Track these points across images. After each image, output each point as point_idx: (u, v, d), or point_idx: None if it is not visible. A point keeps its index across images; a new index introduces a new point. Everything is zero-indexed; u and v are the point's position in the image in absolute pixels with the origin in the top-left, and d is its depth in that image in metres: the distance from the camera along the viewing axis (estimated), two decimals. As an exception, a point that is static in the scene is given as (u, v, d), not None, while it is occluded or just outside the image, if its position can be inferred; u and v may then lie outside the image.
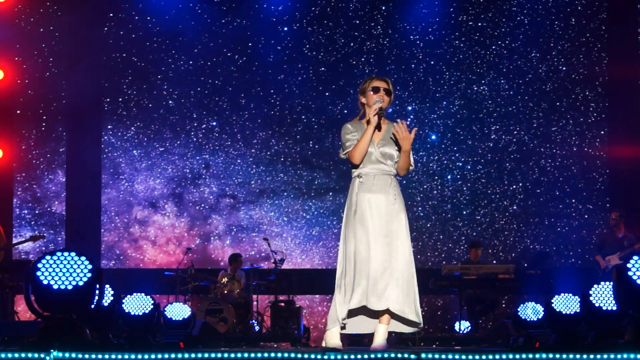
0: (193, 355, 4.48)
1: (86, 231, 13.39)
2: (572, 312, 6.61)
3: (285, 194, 14.14)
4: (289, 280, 12.44)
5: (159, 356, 4.47)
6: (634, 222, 12.37)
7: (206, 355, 4.47)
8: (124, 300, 6.75)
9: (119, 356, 4.47)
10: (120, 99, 13.97)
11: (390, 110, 6.12)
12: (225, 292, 11.84)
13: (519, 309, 7.88)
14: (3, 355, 4.37)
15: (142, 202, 13.99)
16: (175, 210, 14.07)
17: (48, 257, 5.06)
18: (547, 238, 13.70)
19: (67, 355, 4.41)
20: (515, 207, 13.85)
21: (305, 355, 4.50)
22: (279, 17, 14.03)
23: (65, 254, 5.09)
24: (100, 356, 4.46)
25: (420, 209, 13.88)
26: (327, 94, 14.11)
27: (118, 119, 13.95)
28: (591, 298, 6.06)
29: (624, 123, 13.50)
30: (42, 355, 4.37)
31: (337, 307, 5.48)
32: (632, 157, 13.23)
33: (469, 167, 13.96)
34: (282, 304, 12.05)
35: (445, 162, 14.03)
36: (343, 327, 5.53)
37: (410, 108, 13.99)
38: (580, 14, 13.86)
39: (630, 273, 5.05)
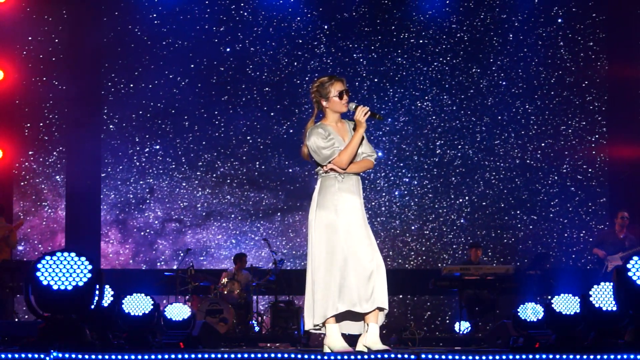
0: (193, 356, 4.47)
1: (86, 231, 13.38)
2: (572, 313, 6.60)
3: (232, 216, 14.04)
4: (289, 280, 12.44)
5: (159, 356, 4.46)
6: (634, 223, 12.38)
7: (206, 355, 4.46)
8: (123, 301, 6.74)
9: (119, 356, 4.46)
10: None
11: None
12: (225, 292, 11.84)
13: (518, 310, 7.87)
14: (3, 355, 4.36)
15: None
16: (120, 237, 13.93)
17: (48, 258, 5.06)
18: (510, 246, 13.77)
19: (67, 355, 4.40)
20: (462, 221, 13.89)
21: (305, 356, 4.50)
22: (221, 38, 13.98)
23: (65, 254, 5.08)
24: (100, 356, 4.45)
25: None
26: (272, 114, 14.07)
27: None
28: (591, 298, 6.06)
29: (624, 123, 13.50)
30: (42, 356, 4.37)
31: (319, 305, 5.40)
32: (632, 157, 13.23)
33: (415, 182, 14.04)
34: (282, 305, 12.05)
35: (392, 178, 14.07)
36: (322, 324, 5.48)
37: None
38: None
39: (630, 274, 5.04)
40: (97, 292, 5.13)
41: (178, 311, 7.92)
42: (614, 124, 13.67)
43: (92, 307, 5.14)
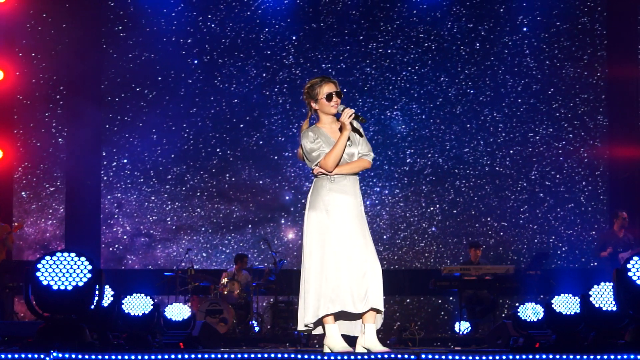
0: (193, 356, 4.47)
1: (86, 231, 13.37)
2: (572, 313, 6.61)
3: (203, 229, 13.96)
4: (289, 280, 12.44)
5: (159, 357, 4.46)
6: (633, 223, 12.39)
7: (206, 355, 4.46)
8: (123, 301, 6.75)
9: (119, 356, 4.46)
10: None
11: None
12: (225, 292, 11.84)
13: (519, 310, 7.88)
14: (3, 356, 4.36)
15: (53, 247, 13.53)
16: None
17: (48, 258, 5.06)
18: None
19: (67, 355, 4.40)
20: (433, 229, 13.91)
21: (305, 356, 4.50)
22: (189, 50, 13.92)
23: (65, 254, 5.08)
24: (100, 357, 4.45)
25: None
26: (241, 125, 14.02)
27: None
28: (591, 299, 6.06)
29: (624, 123, 13.51)
30: (42, 356, 4.37)
31: (310, 305, 5.38)
32: (632, 157, 13.24)
33: (386, 191, 14.08)
34: (282, 305, 12.05)
35: (363, 187, 14.03)
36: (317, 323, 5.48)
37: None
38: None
39: (630, 274, 5.04)
40: (97, 292, 5.13)
41: (178, 311, 7.93)
42: (614, 124, 13.67)
43: (92, 307, 5.13)
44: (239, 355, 4.47)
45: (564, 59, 13.85)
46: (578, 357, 4.37)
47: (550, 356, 4.39)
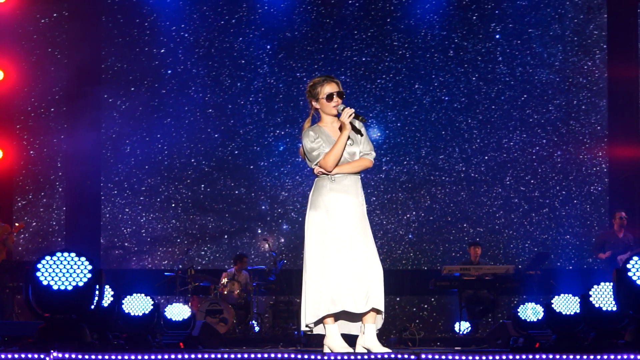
0: (193, 356, 4.47)
1: (86, 231, 13.37)
2: (572, 313, 6.61)
3: (178, 240, 13.86)
4: (289, 280, 12.44)
5: (159, 357, 4.46)
6: (634, 223, 12.39)
7: (206, 355, 4.46)
8: (123, 301, 6.75)
9: (119, 356, 4.46)
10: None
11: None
12: (225, 292, 11.84)
13: (519, 310, 7.88)
14: (3, 356, 4.36)
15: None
16: None
17: (48, 258, 5.06)
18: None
19: (67, 355, 4.40)
20: (410, 236, 13.92)
21: (305, 356, 4.49)
22: (162, 59, 13.86)
23: (65, 254, 5.08)
24: (100, 357, 4.45)
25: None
26: (216, 135, 13.95)
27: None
28: (591, 299, 6.06)
29: (624, 123, 13.51)
30: (42, 356, 4.37)
31: (310, 305, 5.38)
32: (633, 157, 13.24)
33: None
34: (282, 305, 12.06)
35: None
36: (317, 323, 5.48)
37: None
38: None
39: (630, 274, 5.04)
40: (97, 292, 5.13)
41: (178, 311, 7.93)
42: (614, 124, 13.68)
43: (92, 307, 5.13)
44: (239, 355, 4.47)
45: (539, 65, 13.89)
46: (578, 357, 4.37)
47: (550, 356, 4.39)
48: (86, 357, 4.44)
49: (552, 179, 13.84)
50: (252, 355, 4.47)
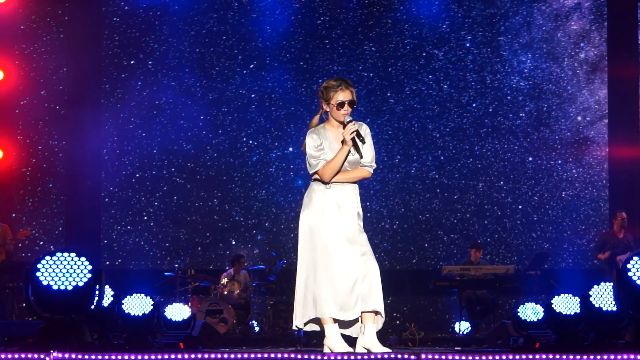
0: (193, 356, 4.47)
1: (86, 231, 13.37)
2: (572, 313, 6.61)
3: (151, 253, 13.78)
4: (289, 280, 12.43)
5: (159, 357, 4.46)
6: (634, 223, 12.39)
7: (206, 355, 4.46)
8: (123, 301, 6.75)
9: (119, 356, 4.46)
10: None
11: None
12: (225, 292, 11.84)
13: (519, 310, 7.88)
14: (3, 356, 4.36)
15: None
16: None
17: (48, 258, 5.05)
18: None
19: (67, 355, 4.40)
20: (385, 245, 13.90)
21: (305, 356, 4.49)
22: (132, 71, 13.80)
23: (65, 254, 5.08)
24: (100, 357, 4.45)
25: (293, 255, 13.77)
26: (188, 146, 13.87)
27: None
28: (591, 299, 6.06)
29: (624, 123, 13.52)
30: (42, 356, 4.37)
31: (300, 307, 5.41)
32: (633, 157, 13.24)
33: None
34: (282, 305, 12.05)
35: None
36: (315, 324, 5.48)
37: (273, 155, 14.00)
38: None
39: (630, 274, 5.04)
40: (97, 292, 5.13)
41: (178, 311, 7.93)
42: (614, 124, 13.69)
43: (92, 307, 5.13)
44: (239, 355, 4.47)
45: (509, 72, 13.98)
46: (578, 357, 4.37)
47: (550, 356, 4.38)
48: (86, 357, 4.44)
49: (525, 183, 13.91)
50: (252, 355, 4.47)
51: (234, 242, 13.95)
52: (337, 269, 5.38)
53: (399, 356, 4.56)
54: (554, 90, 13.97)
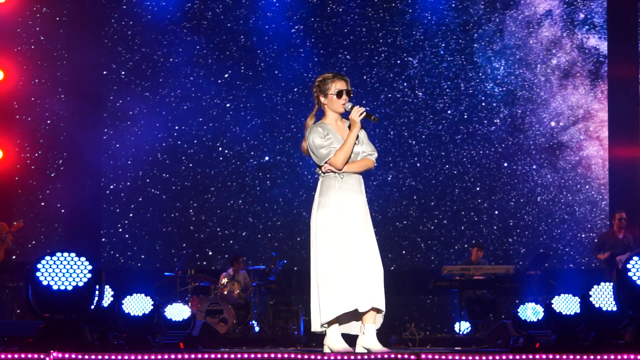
0: (193, 356, 4.47)
1: (86, 231, 13.37)
2: (572, 313, 6.61)
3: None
4: (289, 281, 12.44)
5: (159, 357, 4.46)
6: (634, 223, 12.39)
7: (206, 355, 4.46)
8: (123, 301, 6.75)
9: (119, 357, 4.46)
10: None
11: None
12: (225, 292, 11.84)
13: (519, 310, 7.88)
14: (3, 356, 4.36)
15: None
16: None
17: (48, 258, 5.05)
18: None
19: (67, 355, 4.40)
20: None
21: (305, 356, 4.50)
22: (107, 82, 13.80)
23: (65, 254, 5.08)
24: (100, 357, 4.45)
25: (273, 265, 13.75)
26: (164, 156, 13.87)
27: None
28: (591, 299, 6.06)
29: (624, 123, 13.52)
30: (42, 356, 4.37)
31: (326, 305, 5.37)
32: (632, 157, 13.24)
33: None
34: (282, 305, 12.05)
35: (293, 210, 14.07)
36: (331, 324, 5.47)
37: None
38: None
39: (630, 274, 5.04)
40: (97, 292, 5.13)
41: (178, 311, 7.93)
42: (614, 124, 13.69)
43: (92, 307, 5.13)
44: (239, 355, 4.47)
45: (483, 79, 14.02)
46: (578, 357, 4.37)
47: (550, 356, 4.39)
48: (86, 357, 4.44)
49: (501, 189, 13.93)
50: (252, 355, 4.47)
51: (210, 253, 13.99)
52: (360, 265, 5.38)
53: (399, 356, 4.56)
54: (527, 96, 14.06)
